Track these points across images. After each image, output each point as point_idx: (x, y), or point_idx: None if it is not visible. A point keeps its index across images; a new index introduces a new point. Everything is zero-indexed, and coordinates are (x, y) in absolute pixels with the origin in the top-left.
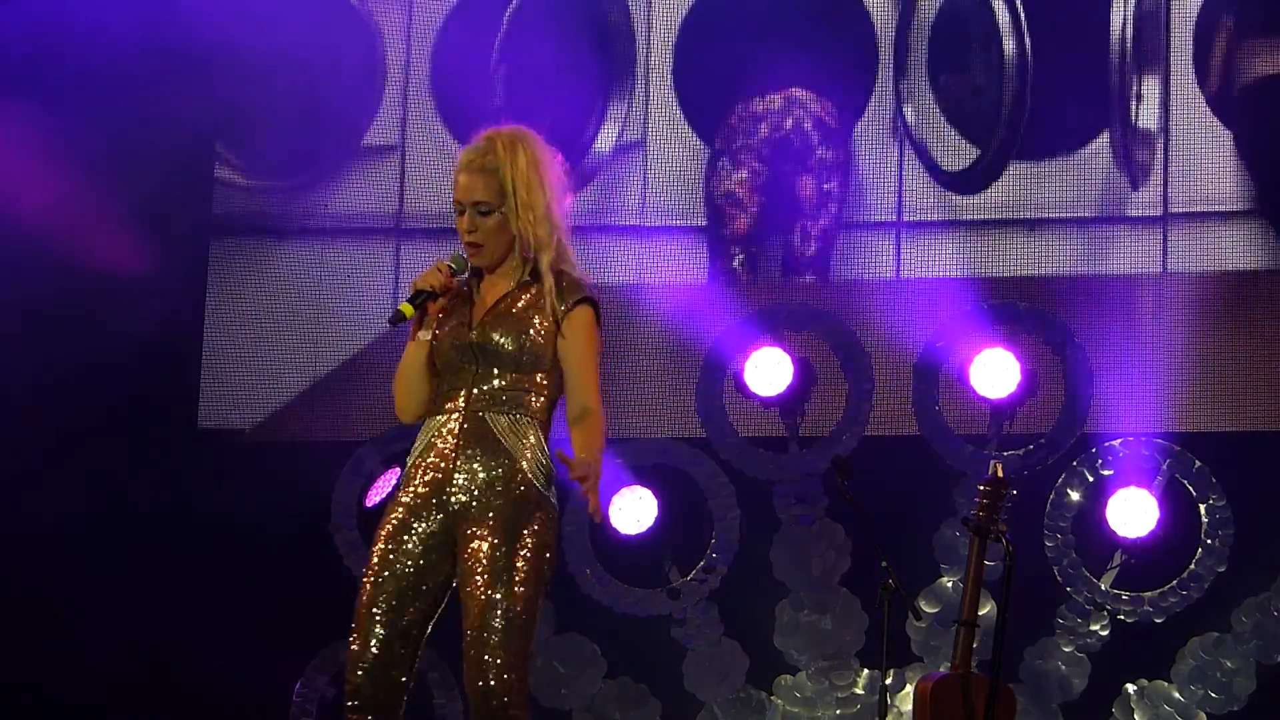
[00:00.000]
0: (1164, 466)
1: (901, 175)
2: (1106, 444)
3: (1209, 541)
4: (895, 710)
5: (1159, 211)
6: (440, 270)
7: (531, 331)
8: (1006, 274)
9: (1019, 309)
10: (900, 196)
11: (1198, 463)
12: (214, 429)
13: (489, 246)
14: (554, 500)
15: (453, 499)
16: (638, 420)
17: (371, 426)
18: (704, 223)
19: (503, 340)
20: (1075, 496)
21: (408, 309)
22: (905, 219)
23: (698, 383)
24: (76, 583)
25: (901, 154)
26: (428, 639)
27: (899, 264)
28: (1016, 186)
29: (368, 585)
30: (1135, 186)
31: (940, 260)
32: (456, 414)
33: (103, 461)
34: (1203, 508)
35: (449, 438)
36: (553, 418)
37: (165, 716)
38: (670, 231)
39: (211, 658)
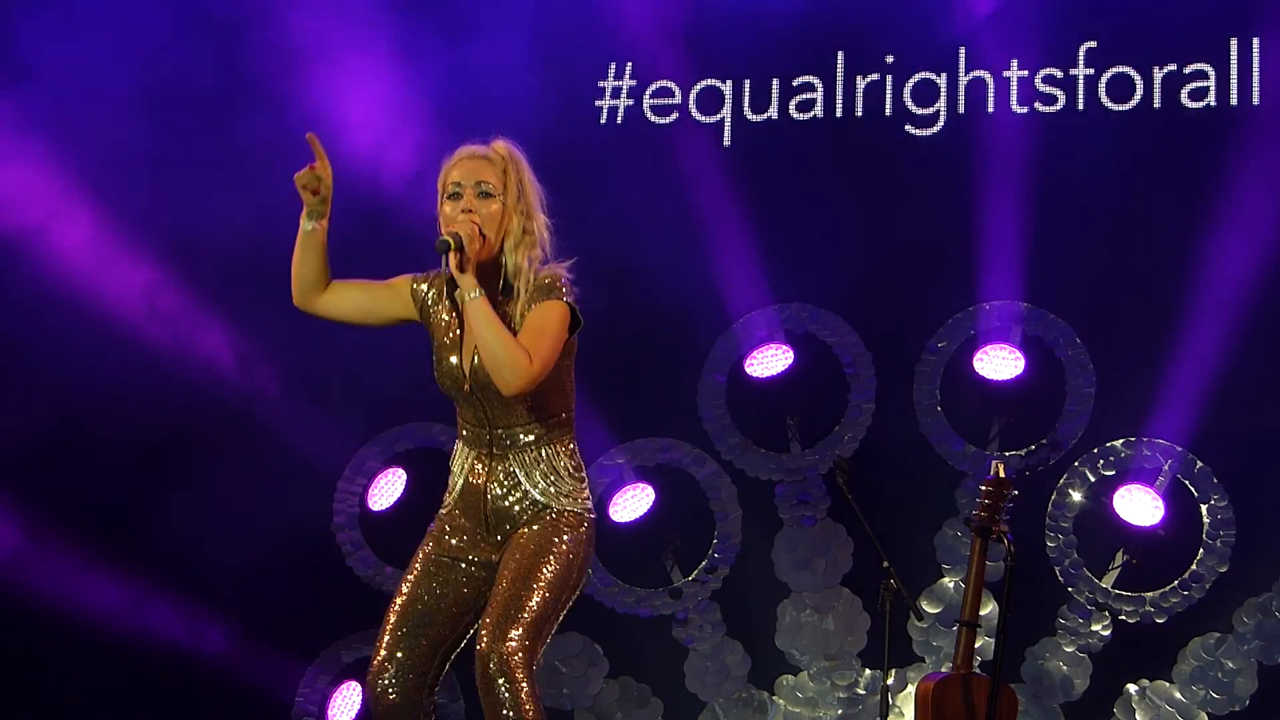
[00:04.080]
0: (1166, 467)
1: None
2: (1108, 444)
3: (1210, 542)
4: (897, 710)
5: None
6: (469, 224)
7: None
8: None
9: (1021, 309)
10: None
11: (1199, 463)
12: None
13: (486, 229)
14: (586, 510)
15: (490, 535)
16: (640, 420)
17: (374, 425)
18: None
19: None
20: (1077, 497)
21: (451, 240)
22: None
23: (700, 383)
24: (78, 582)
25: None
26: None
27: None
28: None
29: (400, 597)
30: None
31: None
32: (483, 457)
33: (104, 461)
34: (1204, 508)
35: (479, 482)
36: (572, 418)
37: (167, 716)
38: (670, 231)
39: (214, 657)
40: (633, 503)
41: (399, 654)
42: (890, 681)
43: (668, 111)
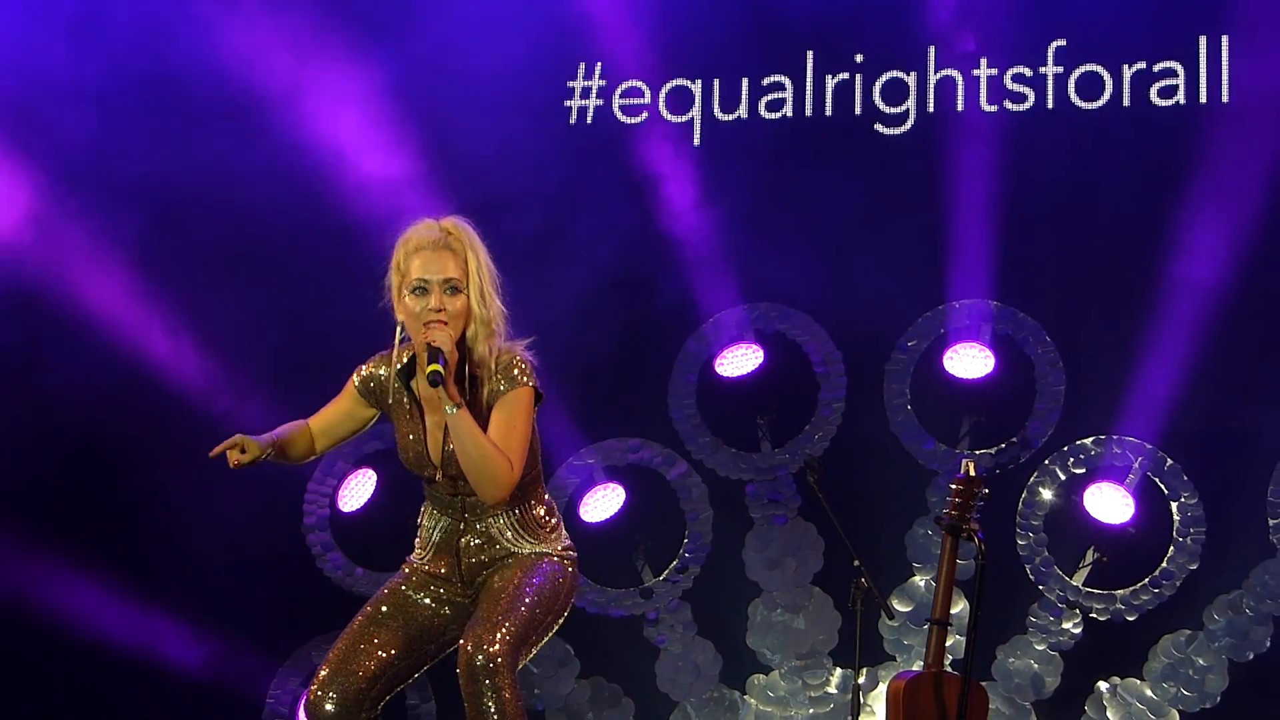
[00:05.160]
0: (1136, 465)
1: None
2: (1078, 442)
3: (1181, 539)
4: (868, 709)
5: None
6: (448, 338)
7: None
8: None
9: (991, 307)
10: None
11: (1169, 461)
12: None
13: (453, 327)
14: (567, 551)
15: (466, 587)
16: (610, 420)
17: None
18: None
19: None
20: (1047, 495)
21: (441, 369)
22: None
23: (670, 383)
24: (47, 585)
25: None
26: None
27: None
28: None
29: (355, 623)
30: None
31: None
32: (456, 521)
33: (71, 464)
34: (1174, 506)
35: (454, 541)
36: (540, 472)
37: (139, 717)
38: (640, 231)
39: (184, 659)
40: (603, 503)
41: (344, 674)
42: (861, 680)
43: (637, 111)
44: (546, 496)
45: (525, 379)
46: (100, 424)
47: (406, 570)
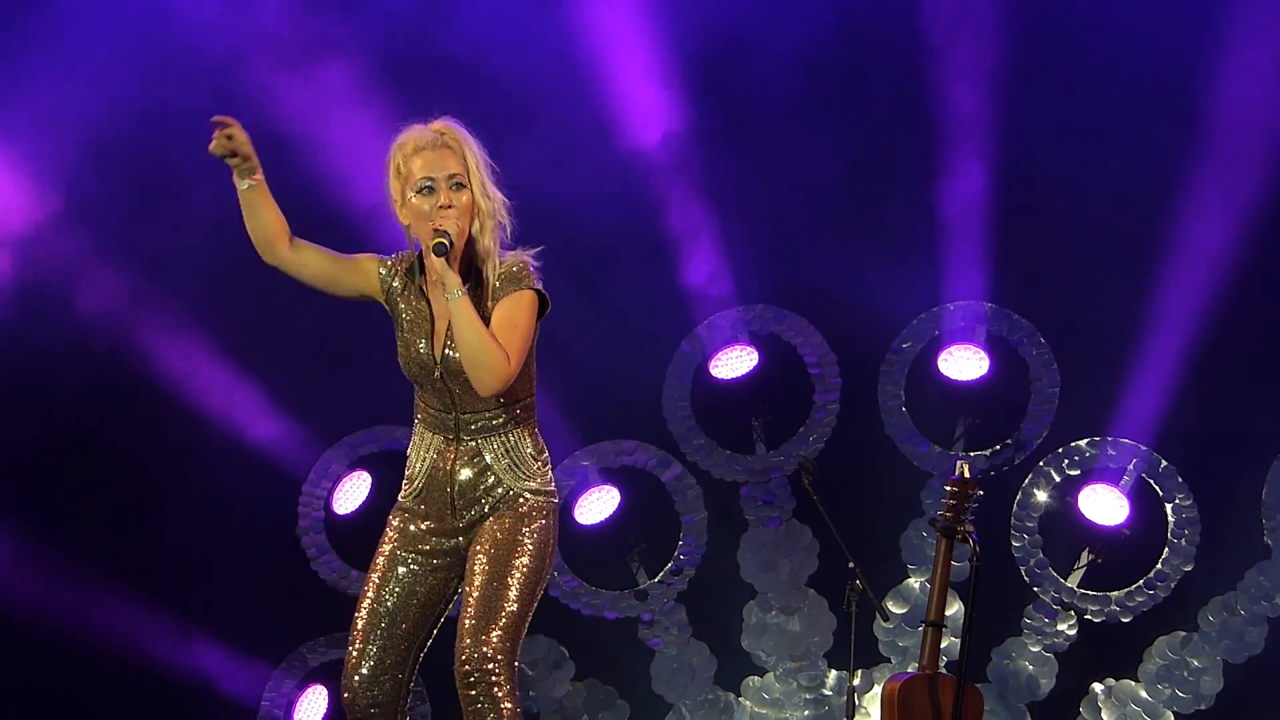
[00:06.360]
0: (1130, 466)
1: None
2: (1073, 444)
3: (1175, 541)
4: (863, 711)
5: None
6: (456, 223)
7: None
8: None
9: (985, 309)
10: None
11: (1164, 463)
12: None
13: (462, 221)
14: (550, 494)
15: (456, 518)
16: (604, 423)
17: (338, 429)
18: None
19: None
20: (1042, 496)
21: (446, 242)
22: None
23: (665, 385)
24: (38, 585)
25: None
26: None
27: None
28: None
29: (366, 598)
30: None
31: None
32: (449, 441)
33: (67, 465)
34: (1169, 507)
35: (445, 465)
36: (534, 402)
37: None
38: (635, 233)
39: (179, 662)
40: (598, 505)
41: (371, 658)
42: (856, 682)
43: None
44: (538, 433)
45: (530, 282)
46: (93, 424)
47: (395, 524)
